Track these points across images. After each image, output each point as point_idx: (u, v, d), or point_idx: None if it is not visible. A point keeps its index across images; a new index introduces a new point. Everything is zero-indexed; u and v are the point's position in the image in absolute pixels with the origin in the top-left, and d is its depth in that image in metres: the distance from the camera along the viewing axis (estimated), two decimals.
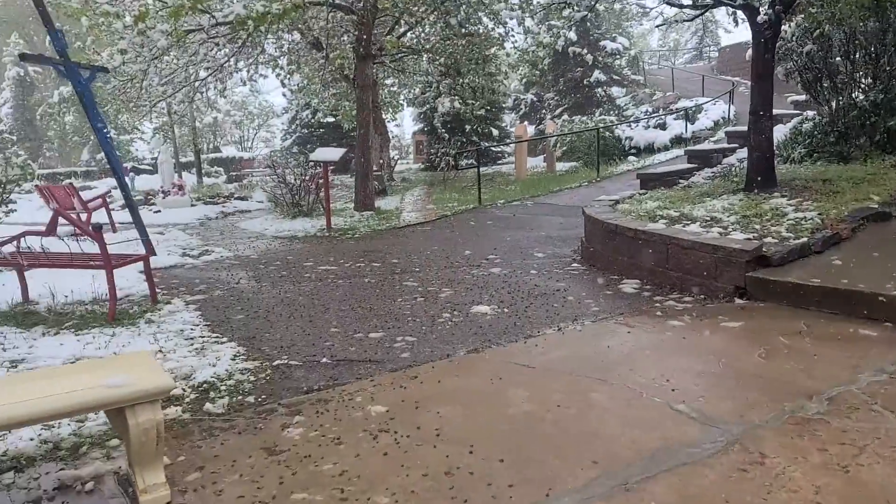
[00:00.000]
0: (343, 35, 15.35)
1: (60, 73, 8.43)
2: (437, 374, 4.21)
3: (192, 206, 16.22)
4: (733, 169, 10.31)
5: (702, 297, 5.50)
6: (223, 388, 4.09)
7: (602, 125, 20.68)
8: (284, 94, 34.18)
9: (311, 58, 19.86)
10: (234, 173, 25.86)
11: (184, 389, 4.06)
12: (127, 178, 23.11)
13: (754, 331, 4.56)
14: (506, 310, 5.67)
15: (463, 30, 18.64)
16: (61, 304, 6.25)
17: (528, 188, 15.38)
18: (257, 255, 9.08)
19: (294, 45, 19.00)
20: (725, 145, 14.89)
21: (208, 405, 3.82)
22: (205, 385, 4.13)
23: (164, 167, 18.31)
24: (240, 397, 3.96)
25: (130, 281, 7.19)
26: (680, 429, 3.08)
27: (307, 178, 13.11)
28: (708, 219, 6.42)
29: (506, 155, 28.06)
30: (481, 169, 24.51)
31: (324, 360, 4.58)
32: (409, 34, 20.07)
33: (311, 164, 12.34)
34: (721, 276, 5.41)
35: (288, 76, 16.99)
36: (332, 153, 10.87)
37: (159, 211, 15.50)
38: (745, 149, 8.64)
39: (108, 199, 13.05)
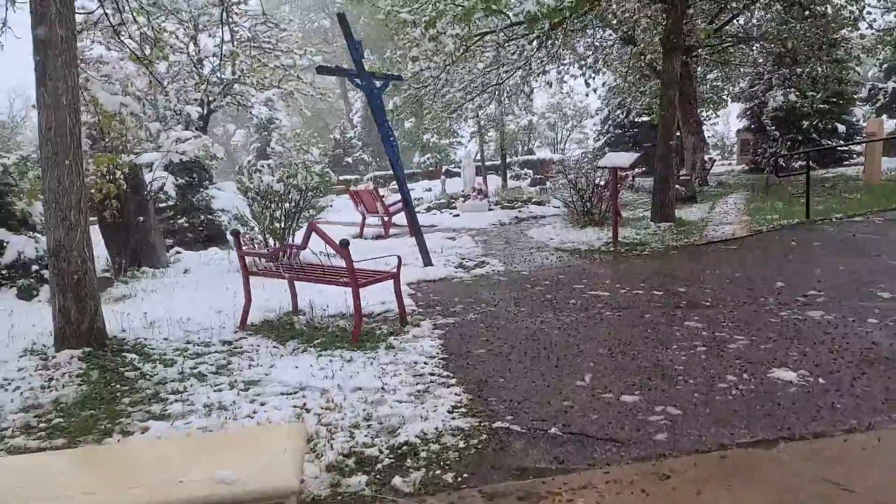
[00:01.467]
0: (656, 27, 13.94)
1: (355, 84, 8.68)
2: (699, 476, 3.00)
3: (490, 209, 16.26)
4: None
5: None
6: (424, 454, 3.39)
7: None
8: (598, 95, 33.44)
9: (624, 53, 18.72)
10: (539, 176, 25.76)
11: (381, 451, 3.45)
12: (438, 182, 24.54)
13: None
14: (822, 379, 4.08)
15: (806, 11, 15.89)
16: (320, 318, 6.24)
17: (878, 199, 12.25)
18: (529, 271, 8.36)
19: (604, 42, 18.08)
20: None
21: (397, 479, 3.14)
22: (405, 447, 3.47)
23: (465, 172, 18.79)
24: (438, 472, 3.21)
25: (393, 295, 7.02)
26: None
27: (601, 183, 12.06)
28: None
29: (855, 155, 23.51)
30: (820, 173, 20.84)
31: (553, 429, 3.62)
32: (736, 21, 17.73)
33: (602, 169, 11.26)
34: None
35: (593, 75, 16.07)
36: (623, 158, 9.69)
37: (458, 215, 15.82)
38: None
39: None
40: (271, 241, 8.97)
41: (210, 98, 21.04)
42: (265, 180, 8.66)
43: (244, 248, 6.33)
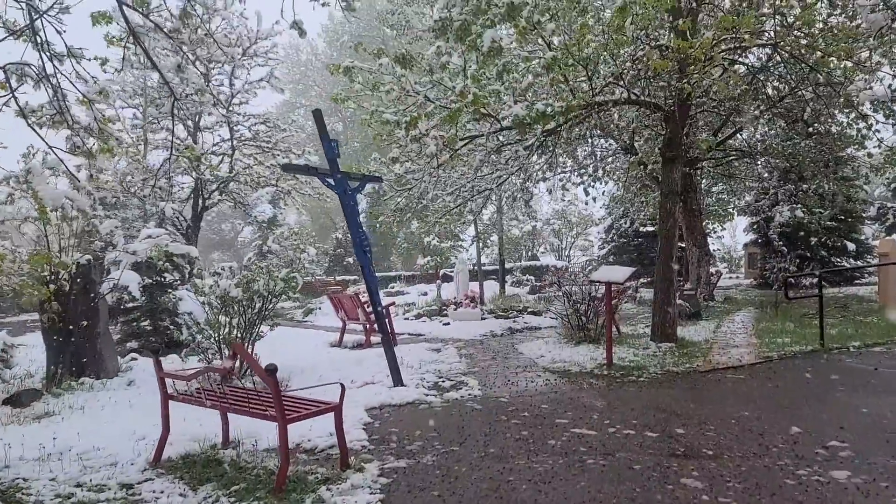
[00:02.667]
0: (656, 137, 13.55)
1: (327, 185, 8.07)
2: None
3: (483, 318, 15.39)
4: None
5: None
6: None
7: None
8: (602, 204, 33.21)
9: (625, 163, 18.38)
10: (537, 284, 24.99)
11: None
12: (434, 286, 23.76)
13: None
14: None
15: (809, 129, 15.59)
16: (250, 453, 5.29)
17: None
18: (509, 397, 7.39)
19: (604, 151, 17.76)
20: None
21: None
22: None
23: (459, 277, 18.01)
24: None
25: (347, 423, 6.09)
26: None
27: (597, 296, 11.24)
28: None
29: (867, 275, 22.74)
30: (832, 291, 19.97)
31: None
32: (739, 134, 17.44)
33: (595, 284, 10.46)
34: None
35: (592, 183, 15.61)
36: (618, 272, 8.90)
37: (448, 323, 14.94)
38: None
39: (391, 311, 12.72)
40: (227, 352, 8.11)
41: (205, 195, 20.77)
42: (222, 285, 7.89)
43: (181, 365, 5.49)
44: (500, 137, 10.81)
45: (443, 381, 8.42)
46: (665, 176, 10.84)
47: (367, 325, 12.09)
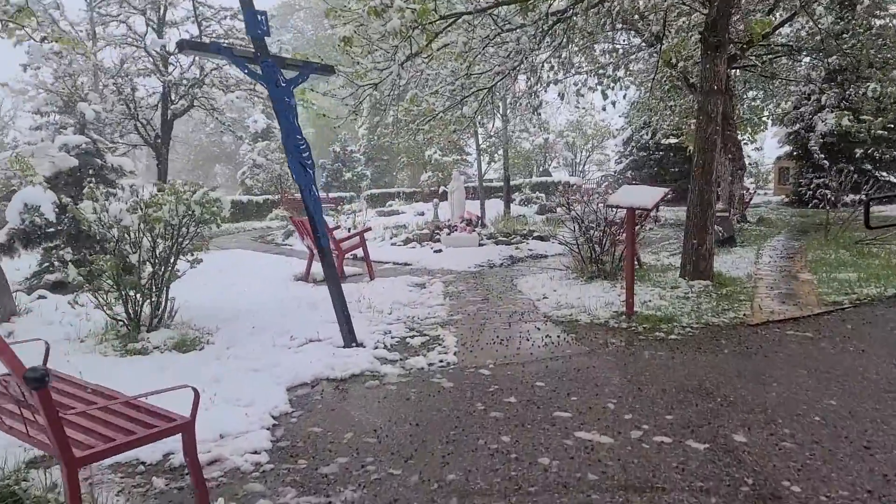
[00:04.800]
0: (691, 26, 11.02)
1: (248, 73, 5.87)
2: None
3: (481, 244, 13.37)
4: None
5: None
6: None
7: None
8: (620, 112, 30.35)
9: (646, 62, 15.83)
10: (547, 204, 22.69)
11: None
12: (430, 205, 21.57)
13: None
14: None
15: (874, 20, 13.10)
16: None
17: None
18: (493, 368, 5.43)
19: (627, 46, 15.18)
20: None
21: None
22: None
23: (453, 196, 15.72)
24: None
25: (252, 417, 4.21)
26: None
27: (615, 221, 9.15)
28: None
29: None
30: (885, 209, 17.64)
31: None
32: (787, 26, 14.78)
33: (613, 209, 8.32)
34: None
35: (611, 84, 13.19)
36: (642, 195, 6.72)
37: (440, 251, 12.92)
38: None
39: (366, 237, 10.70)
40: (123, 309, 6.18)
41: (173, 100, 18.47)
42: (111, 210, 5.86)
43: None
44: (496, 21, 8.43)
45: (412, 337, 6.48)
46: (706, 70, 8.50)
47: (338, 254, 10.11)
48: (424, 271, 11.12)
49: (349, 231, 13.13)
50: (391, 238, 15.06)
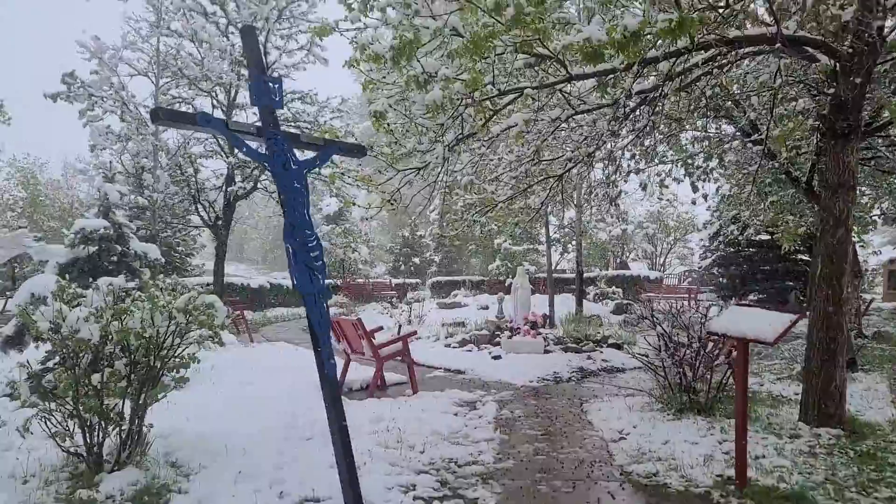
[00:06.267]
0: (794, 109, 9.40)
1: (246, 153, 4.65)
2: None
3: (547, 351, 11.67)
4: None
5: None
6: None
7: None
8: (709, 206, 28.43)
9: (739, 152, 14.15)
10: (624, 302, 20.68)
11: None
12: (496, 299, 19.98)
13: None
14: None
15: None
16: None
17: None
18: None
19: (719, 135, 13.62)
20: None
21: None
22: None
23: (517, 294, 14.05)
24: None
25: None
26: None
27: (709, 342, 7.39)
28: None
29: None
30: None
31: None
32: None
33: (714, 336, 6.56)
34: None
35: (702, 176, 11.61)
36: (760, 322, 4.96)
37: (499, 357, 11.28)
38: None
39: (408, 341, 9.21)
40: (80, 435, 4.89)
41: (234, 187, 17.96)
42: (69, 319, 4.64)
43: None
44: (568, 99, 7.09)
45: (441, 500, 4.88)
46: (830, 161, 6.85)
47: (377, 362, 8.67)
48: (478, 383, 9.52)
49: (398, 328, 11.72)
50: (446, 337, 13.52)
